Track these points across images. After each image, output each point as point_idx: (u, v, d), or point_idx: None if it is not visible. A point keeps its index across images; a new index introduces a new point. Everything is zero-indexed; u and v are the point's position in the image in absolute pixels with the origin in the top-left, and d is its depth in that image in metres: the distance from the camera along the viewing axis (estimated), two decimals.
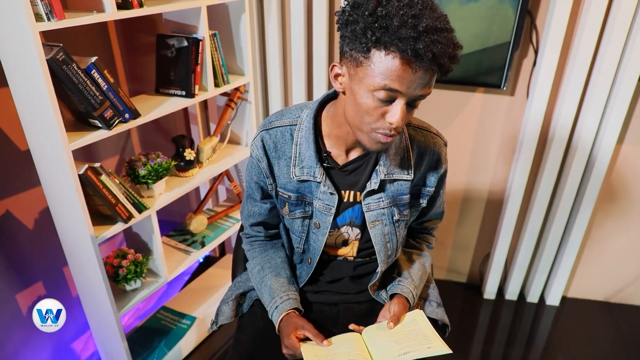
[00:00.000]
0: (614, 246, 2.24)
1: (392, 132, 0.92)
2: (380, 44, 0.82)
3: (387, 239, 1.11)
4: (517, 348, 2.15)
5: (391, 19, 0.80)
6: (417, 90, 0.86)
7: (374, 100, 0.88)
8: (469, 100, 2.03)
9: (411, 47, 0.79)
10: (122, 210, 1.50)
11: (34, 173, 1.51)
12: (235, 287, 1.29)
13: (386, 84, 0.84)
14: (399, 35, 0.79)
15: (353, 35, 0.85)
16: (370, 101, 0.88)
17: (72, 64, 1.25)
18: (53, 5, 1.16)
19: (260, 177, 1.12)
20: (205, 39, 1.63)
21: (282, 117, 1.09)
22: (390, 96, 0.86)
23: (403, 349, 0.96)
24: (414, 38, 0.79)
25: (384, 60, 0.83)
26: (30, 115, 1.32)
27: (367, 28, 0.82)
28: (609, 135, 1.90)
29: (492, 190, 2.23)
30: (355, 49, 0.85)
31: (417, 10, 0.80)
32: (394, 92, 0.86)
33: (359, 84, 0.88)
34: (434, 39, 0.79)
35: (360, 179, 1.08)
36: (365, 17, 0.82)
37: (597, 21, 1.72)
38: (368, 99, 0.88)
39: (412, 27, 0.79)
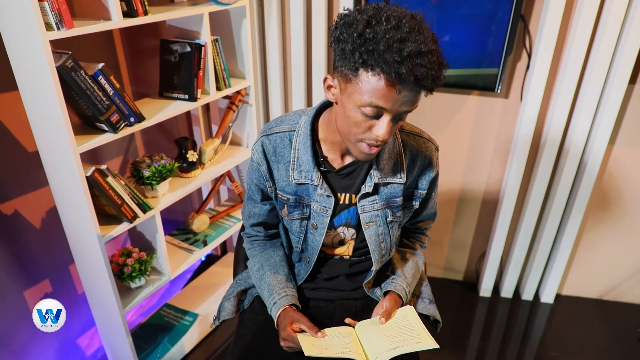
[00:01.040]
0: (606, 245, 2.28)
1: (378, 144, 0.97)
2: (367, 66, 0.86)
3: (380, 239, 1.16)
4: (512, 344, 2.19)
5: (378, 42, 0.84)
6: (403, 107, 0.91)
7: (361, 115, 0.93)
8: (464, 102, 2.08)
9: (395, 70, 0.84)
10: (127, 211, 1.55)
11: (41, 174, 1.56)
12: (237, 284, 1.35)
13: (372, 102, 0.90)
14: (385, 59, 0.84)
15: (343, 54, 0.89)
16: (358, 115, 0.93)
17: (80, 70, 1.30)
18: (62, 15, 1.21)
19: (260, 180, 1.17)
20: (207, 44, 1.68)
21: (282, 123, 1.14)
22: (376, 112, 0.92)
23: (393, 344, 1.01)
24: (398, 62, 0.83)
25: (371, 80, 0.88)
26: (39, 119, 1.37)
27: (355, 49, 0.86)
28: (601, 136, 1.94)
29: (487, 190, 2.27)
30: (345, 66, 0.90)
31: (403, 33, 0.84)
32: (380, 109, 0.91)
33: (348, 98, 0.93)
34: (417, 62, 0.83)
35: (355, 182, 1.13)
36: (354, 39, 0.86)
37: (588, 26, 1.76)
38: (356, 113, 0.93)
39: (397, 52, 0.83)
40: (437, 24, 1.85)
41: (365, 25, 0.86)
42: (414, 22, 0.87)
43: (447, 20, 1.85)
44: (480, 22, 1.83)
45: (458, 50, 1.89)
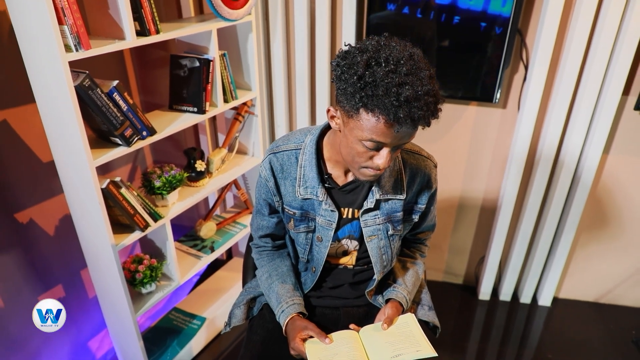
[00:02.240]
0: (602, 249, 2.34)
1: (379, 171, 1.04)
2: (367, 107, 0.93)
3: (382, 252, 1.23)
4: (510, 346, 2.25)
5: (377, 87, 0.90)
6: (401, 141, 0.98)
7: (362, 147, 1.00)
8: (463, 112, 2.14)
9: (393, 113, 0.90)
10: (139, 220, 1.62)
11: (55, 183, 1.62)
12: (246, 293, 1.41)
13: (372, 138, 0.96)
14: (383, 103, 0.90)
15: (344, 93, 0.96)
16: (359, 147, 1.00)
17: (97, 88, 1.37)
18: (81, 37, 1.27)
19: (268, 195, 1.24)
20: (215, 59, 1.74)
21: (288, 141, 1.21)
22: (376, 146, 0.99)
23: (395, 351, 1.07)
24: (396, 107, 0.90)
25: (370, 120, 0.94)
26: (57, 134, 1.43)
27: (356, 92, 0.93)
28: (596, 145, 2.00)
29: (486, 197, 2.34)
30: (347, 104, 0.96)
31: (401, 77, 0.90)
32: (379, 143, 0.98)
33: (350, 132, 1.00)
34: (414, 106, 0.90)
35: (357, 197, 1.19)
36: (354, 81, 0.92)
37: (582, 39, 1.82)
38: (357, 145, 1.00)
39: (395, 96, 0.89)
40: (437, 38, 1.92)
41: (365, 67, 0.92)
42: (411, 64, 0.92)
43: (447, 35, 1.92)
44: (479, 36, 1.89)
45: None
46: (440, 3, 1.86)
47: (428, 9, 1.88)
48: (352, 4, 1.95)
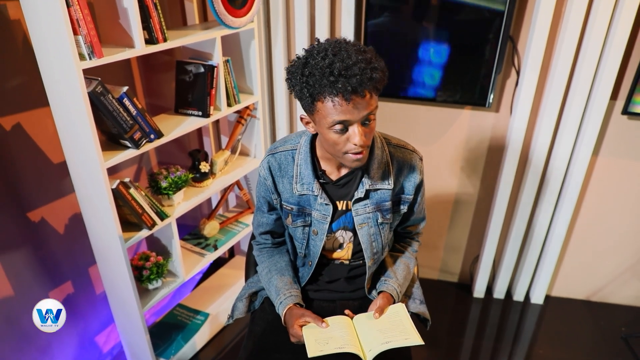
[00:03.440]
0: (593, 249, 2.41)
1: (360, 150, 1.12)
2: (316, 97, 1.04)
3: (372, 239, 1.31)
4: (504, 343, 2.32)
5: (314, 75, 1.02)
6: (362, 112, 1.06)
7: (334, 133, 1.09)
8: (457, 116, 2.21)
9: (335, 89, 1.01)
10: (147, 219, 1.69)
11: (65, 183, 1.68)
12: (248, 287, 1.50)
13: (335, 119, 1.06)
14: (323, 85, 1.02)
15: (298, 96, 1.08)
16: (332, 134, 1.09)
17: (108, 94, 1.44)
18: (94, 47, 1.35)
19: (267, 193, 1.33)
20: (219, 65, 1.82)
21: (285, 143, 1.30)
22: (344, 126, 1.08)
23: (385, 339, 1.16)
24: (333, 82, 1.00)
25: (324, 106, 1.05)
26: (70, 137, 1.51)
27: (303, 88, 1.05)
28: (585, 147, 2.07)
29: (480, 197, 2.41)
30: (304, 104, 1.08)
31: (330, 59, 1.01)
32: (345, 122, 1.07)
33: (319, 125, 1.11)
34: (348, 74, 1.00)
35: (350, 190, 1.28)
36: (299, 80, 1.05)
37: (572, 46, 1.89)
38: (330, 134, 1.10)
39: (329, 75, 1.00)
40: (435, 45, 2.00)
41: (304, 66, 1.04)
42: (339, 46, 1.04)
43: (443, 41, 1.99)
44: (473, 42, 1.96)
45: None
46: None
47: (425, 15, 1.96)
48: (351, 11, 2.03)
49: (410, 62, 2.05)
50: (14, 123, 1.62)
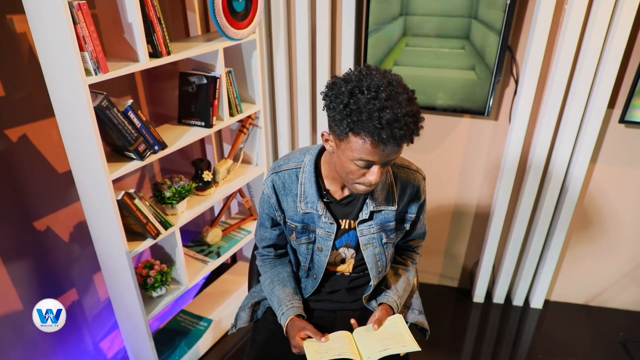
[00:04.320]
0: (591, 254, 2.43)
1: (372, 187, 1.14)
2: (354, 132, 1.04)
3: (377, 258, 1.33)
4: (504, 347, 2.34)
5: (361, 113, 1.01)
6: (389, 157, 1.08)
7: (354, 166, 1.10)
8: (457, 124, 2.24)
9: (377, 135, 1.01)
10: (151, 229, 1.72)
11: (70, 193, 1.69)
12: (251, 297, 1.53)
13: (362, 157, 1.07)
14: (367, 126, 1.01)
15: (334, 120, 1.07)
16: (351, 166, 1.11)
17: (113, 108, 1.47)
18: (100, 62, 1.38)
19: (271, 210, 1.35)
20: (222, 76, 1.84)
21: (289, 161, 1.32)
22: (366, 164, 1.09)
23: (383, 347, 1.19)
24: (379, 129, 1.00)
25: (358, 142, 1.05)
26: (76, 149, 1.54)
27: (342, 119, 1.04)
28: (583, 155, 2.09)
29: (479, 204, 2.43)
30: (337, 129, 1.07)
31: (382, 102, 1.00)
32: (369, 162, 1.08)
33: (342, 153, 1.11)
34: (395, 126, 1.00)
35: (354, 209, 1.30)
36: (341, 109, 1.03)
37: (569, 56, 1.91)
38: (350, 165, 1.11)
39: (378, 120, 1.00)
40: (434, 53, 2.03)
41: (350, 96, 1.03)
42: (390, 90, 1.02)
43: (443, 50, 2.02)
44: (472, 51, 1.99)
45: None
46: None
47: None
48: (351, 22, 2.06)
49: None
50: (20, 134, 1.64)
